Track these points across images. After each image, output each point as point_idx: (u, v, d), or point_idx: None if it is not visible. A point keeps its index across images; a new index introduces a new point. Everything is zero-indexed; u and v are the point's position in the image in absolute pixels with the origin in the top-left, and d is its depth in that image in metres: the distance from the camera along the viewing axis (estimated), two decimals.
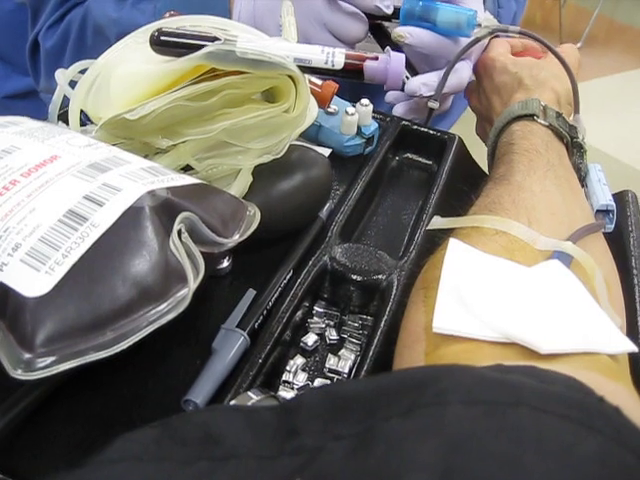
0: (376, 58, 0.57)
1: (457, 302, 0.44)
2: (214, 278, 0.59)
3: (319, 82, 0.75)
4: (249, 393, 0.43)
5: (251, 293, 0.56)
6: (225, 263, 0.59)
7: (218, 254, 0.47)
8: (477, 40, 0.80)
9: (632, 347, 0.42)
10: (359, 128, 0.79)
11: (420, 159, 0.86)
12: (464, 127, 0.94)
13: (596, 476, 0.25)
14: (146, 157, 0.59)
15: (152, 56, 0.56)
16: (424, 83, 0.83)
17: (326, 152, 0.77)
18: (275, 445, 0.31)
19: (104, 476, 0.32)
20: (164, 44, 0.55)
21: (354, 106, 0.79)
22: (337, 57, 0.56)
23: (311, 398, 0.33)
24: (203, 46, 0.53)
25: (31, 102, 1.22)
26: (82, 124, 0.59)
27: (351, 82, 0.59)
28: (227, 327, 0.52)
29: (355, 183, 0.72)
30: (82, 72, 0.59)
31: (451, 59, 0.81)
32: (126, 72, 0.56)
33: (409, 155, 0.86)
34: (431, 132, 0.85)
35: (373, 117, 0.81)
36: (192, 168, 0.58)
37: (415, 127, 0.85)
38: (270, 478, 0.28)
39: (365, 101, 0.79)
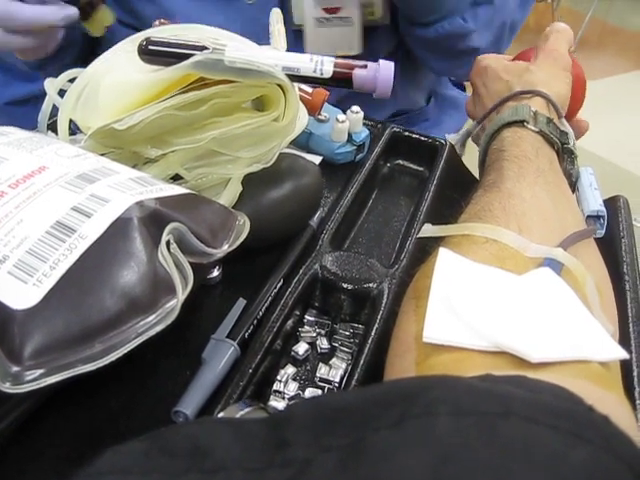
0: (365, 66, 0.57)
1: (447, 311, 0.44)
2: (204, 287, 0.58)
3: (309, 90, 0.75)
4: (237, 405, 0.43)
5: (241, 303, 0.56)
6: (215, 272, 0.59)
7: (207, 264, 0.46)
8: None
9: (623, 354, 0.42)
10: (350, 135, 0.79)
11: (411, 165, 0.86)
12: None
13: None
14: (135, 167, 0.59)
15: (141, 65, 0.56)
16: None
17: (317, 160, 0.77)
18: (264, 457, 0.30)
19: None
20: (152, 53, 0.55)
21: (345, 113, 0.79)
22: (326, 65, 0.56)
23: (301, 409, 0.33)
24: (191, 55, 0.52)
25: (32, 108, 1.21)
26: (72, 133, 0.59)
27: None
28: (217, 337, 0.51)
29: (346, 190, 0.72)
30: (71, 81, 0.59)
31: None
32: (115, 81, 0.56)
33: (400, 162, 0.86)
34: (422, 138, 0.85)
35: (364, 124, 0.81)
36: (181, 177, 0.58)
37: (406, 134, 0.85)
38: None
39: (356, 108, 0.79)
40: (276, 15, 0.66)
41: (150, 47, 0.55)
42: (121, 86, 0.55)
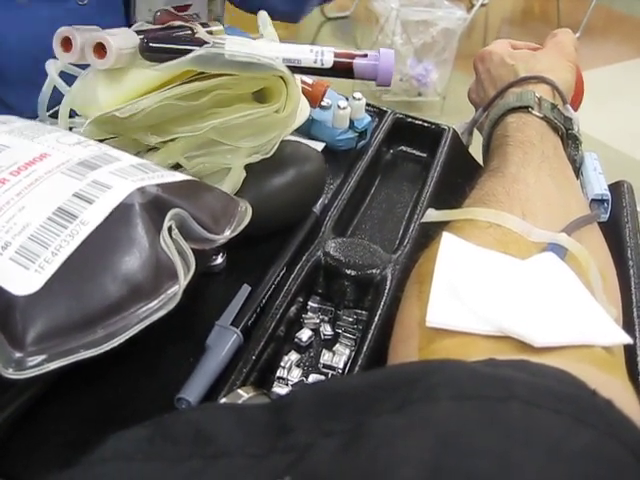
0: (365, 55, 0.57)
1: (451, 296, 0.44)
2: (208, 275, 0.58)
3: (310, 81, 0.75)
4: (239, 391, 0.43)
5: (246, 289, 0.55)
6: (219, 260, 0.58)
7: (210, 250, 0.46)
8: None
9: (627, 339, 0.42)
10: (352, 122, 0.78)
11: (414, 152, 0.86)
12: (457, 117, 0.93)
13: (588, 470, 0.24)
14: (137, 154, 0.59)
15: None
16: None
17: (319, 146, 0.77)
18: (266, 443, 0.30)
19: (96, 475, 0.32)
20: (153, 50, 0.54)
21: (347, 99, 0.79)
22: (326, 56, 0.56)
23: (303, 395, 0.33)
24: (192, 50, 0.52)
25: None
26: (70, 116, 0.59)
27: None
28: (221, 324, 0.51)
29: (349, 177, 0.72)
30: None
31: None
32: (114, 76, 0.55)
33: (403, 148, 0.86)
34: (425, 124, 0.85)
35: (366, 110, 0.81)
36: (182, 167, 0.58)
37: (409, 120, 0.85)
38: (261, 476, 0.28)
39: (358, 94, 0.78)
40: (263, 16, 0.65)
41: (151, 44, 0.54)
42: (121, 81, 0.55)
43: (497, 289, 0.44)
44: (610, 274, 0.54)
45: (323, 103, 0.78)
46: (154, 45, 0.54)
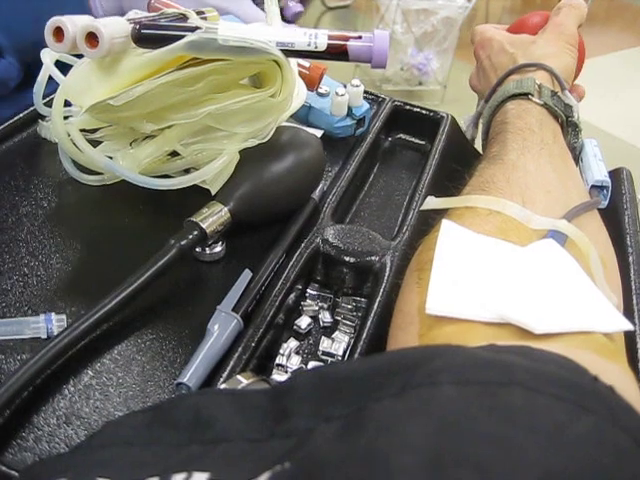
0: (360, 37, 0.56)
1: (450, 283, 0.43)
2: (208, 263, 0.58)
3: (307, 64, 0.74)
4: (239, 377, 0.43)
5: (247, 274, 0.55)
6: (218, 248, 0.58)
7: None
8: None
9: (628, 326, 0.42)
10: (350, 109, 0.78)
11: (413, 139, 0.86)
12: (457, 106, 0.93)
13: (589, 456, 0.24)
14: (133, 142, 0.59)
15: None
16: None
17: (318, 133, 0.76)
18: (265, 428, 0.30)
19: (95, 460, 0.32)
20: (146, 38, 0.54)
21: (345, 86, 0.78)
22: (320, 38, 0.56)
23: (303, 380, 0.33)
24: (184, 37, 0.52)
25: None
26: (66, 105, 0.59)
27: None
28: (222, 308, 0.51)
29: (347, 164, 0.72)
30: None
31: None
32: (107, 63, 0.55)
33: (402, 135, 0.86)
34: (424, 112, 0.84)
35: (364, 97, 0.80)
36: (178, 154, 0.58)
37: (407, 107, 0.85)
38: (260, 461, 0.28)
39: (356, 81, 0.78)
40: None
41: (143, 31, 0.54)
42: (114, 69, 0.55)
43: (497, 276, 0.44)
44: (610, 261, 0.54)
45: (321, 90, 0.78)
46: (146, 32, 0.54)
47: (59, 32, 0.53)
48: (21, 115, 0.71)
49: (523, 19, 0.85)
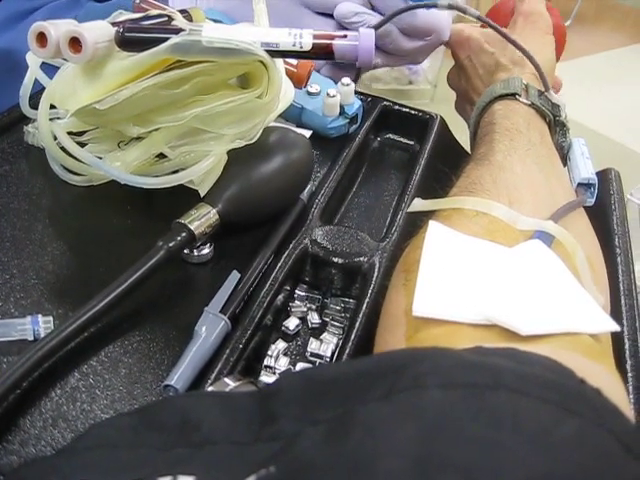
0: (345, 36, 0.56)
1: (437, 285, 0.43)
2: (196, 264, 0.58)
3: (295, 62, 0.74)
4: (226, 379, 0.43)
5: (235, 275, 0.55)
6: (206, 250, 0.58)
7: None
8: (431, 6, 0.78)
9: (614, 327, 0.42)
10: (342, 108, 0.78)
11: (402, 139, 0.85)
12: (448, 105, 0.93)
13: (575, 459, 0.24)
14: (120, 144, 0.59)
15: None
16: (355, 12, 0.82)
17: (307, 133, 0.76)
18: (251, 431, 0.30)
19: (80, 463, 0.32)
20: (130, 41, 0.54)
21: (336, 83, 0.78)
22: (305, 38, 0.55)
23: (289, 383, 0.33)
24: (169, 39, 0.52)
25: None
26: (52, 107, 0.58)
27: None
28: (210, 310, 0.51)
29: (336, 164, 0.72)
30: None
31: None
32: (92, 68, 0.55)
33: (390, 135, 0.86)
34: (413, 112, 0.84)
35: (355, 96, 0.80)
36: (166, 156, 0.57)
37: (397, 107, 0.85)
38: (246, 464, 0.28)
39: (346, 80, 0.78)
40: None
41: (126, 35, 0.53)
42: (99, 73, 0.54)
43: (484, 278, 0.44)
44: (597, 261, 0.54)
45: (312, 90, 0.78)
46: (129, 35, 0.54)
47: (42, 37, 0.52)
48: (5, 113, 0.71)
49: (497, 7, 0.85)
